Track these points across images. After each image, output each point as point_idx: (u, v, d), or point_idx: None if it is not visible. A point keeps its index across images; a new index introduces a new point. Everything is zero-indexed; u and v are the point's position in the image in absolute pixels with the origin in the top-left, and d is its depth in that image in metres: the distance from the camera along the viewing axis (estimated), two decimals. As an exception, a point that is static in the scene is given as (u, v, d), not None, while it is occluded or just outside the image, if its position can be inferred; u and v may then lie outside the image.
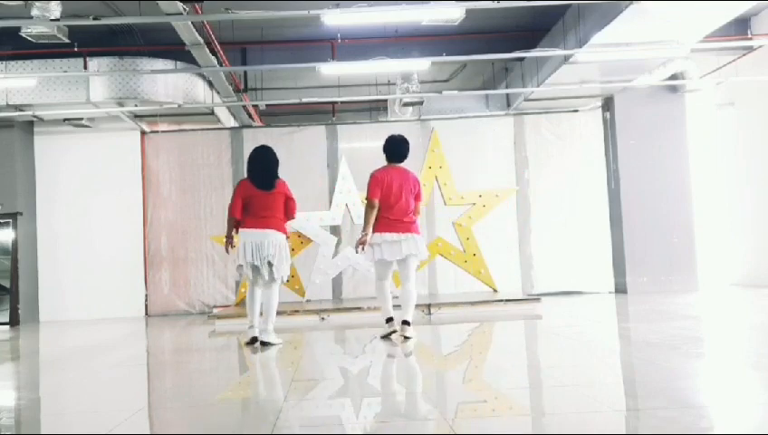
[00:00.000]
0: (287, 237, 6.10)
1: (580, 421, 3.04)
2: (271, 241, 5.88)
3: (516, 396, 3.79)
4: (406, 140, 6.18)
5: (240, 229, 5.99)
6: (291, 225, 6.36)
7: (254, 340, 6.00)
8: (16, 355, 7.20)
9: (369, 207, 5.95)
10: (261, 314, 6.06)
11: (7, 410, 4.13)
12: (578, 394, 3.59)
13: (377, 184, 5.95)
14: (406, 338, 5.84)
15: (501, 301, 8.92)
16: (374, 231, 5.93)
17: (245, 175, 6.17)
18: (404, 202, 5.94)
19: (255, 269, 5.92)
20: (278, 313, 8.62)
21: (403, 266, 5.97)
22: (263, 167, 6.05)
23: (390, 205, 5.91)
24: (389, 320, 6.02)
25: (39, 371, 5.87)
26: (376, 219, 5.93)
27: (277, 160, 6.12)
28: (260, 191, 5.95)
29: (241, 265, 5.91)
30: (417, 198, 6.07)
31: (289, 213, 6.08)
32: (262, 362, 5.70)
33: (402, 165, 6.14)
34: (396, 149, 6.11)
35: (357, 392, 4.11)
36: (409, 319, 5.91)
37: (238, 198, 5.99)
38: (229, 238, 6.05)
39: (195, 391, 4.44)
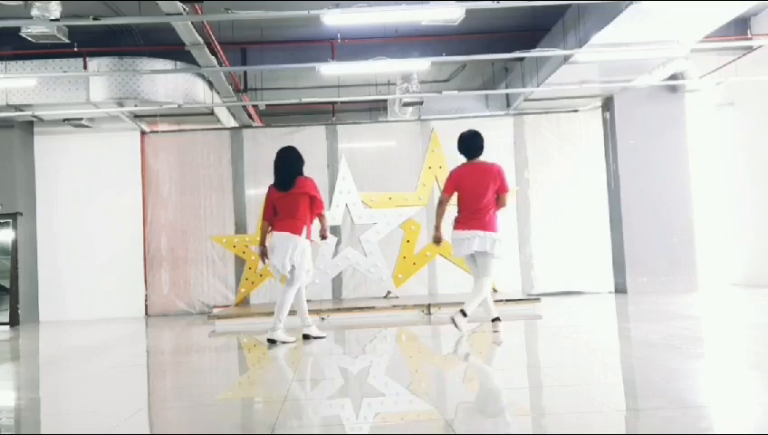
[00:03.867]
0: (308, 238, 6.15)
1: (580, 421, 3.04)
2: (291, 245, 6.00)
3: (516, 396, 3.79)
4: (477, 133, 6.20)
5: (273, 232, 6.16)
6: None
7: (305, 336, 6.27)
8: (16, 355, 7.20)
9: (438, 203, 6.23)
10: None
11: (7, 410, 4.13)
12: (578, 394, 3.59)
13: (453, 183, 6.09)
14: (455, 323, 5.99)
15: (501, 301, 8.87)
16: (453, 228, 6.11)
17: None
18: (482, 198, 5.99)
19: (279, 271, 6.12)
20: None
21: (481, 262, 6.07)
22: (280, 168, 6.17)
23: (469, 202, 6.02)
24: (495, 320, 6.17)
25: (39, 371, 5.87)
26: (456, 217, 6.10)
27: (295, 159, 6.20)
28: (281, 193, 6.09)
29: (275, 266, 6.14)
30: (502, 190, 6.06)
31: (315, 210, 6.16)
32: (262, 362, 5.70)
33: (481, 159, 6.18)
34: (469, 144, 6.16)
35: (357, 392, 4.11)
36: (466, 309, 5.98)
37: (268, 203, 6.21)
38: (261, 247, 6.31)
39: (195, 391, 4.44)
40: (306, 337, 6.26)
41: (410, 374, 4.79)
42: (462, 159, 6.27)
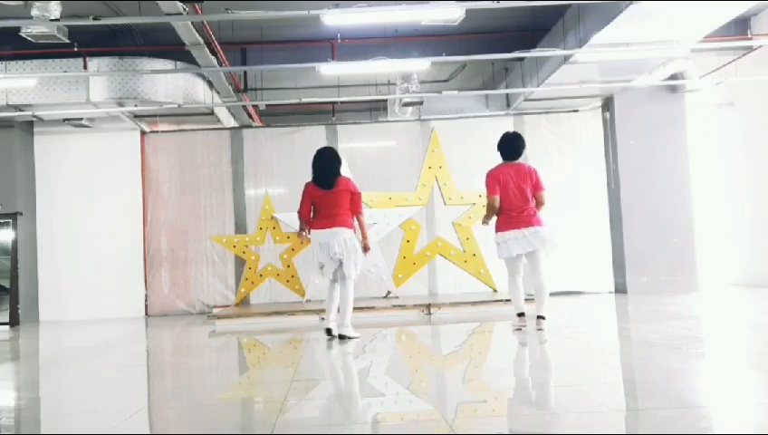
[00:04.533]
0: (354, 232, 6.24)
1: (580, 421, 3.04)
2: (338, 240, 6.08)
3: (516, 396, 3.79)
4: (519, 136, 6.32)
5: (311, 230, 6.25)
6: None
7: (328, 331, 6.26)
8: (16, 355, 7.19)
9: (489, 205, 6.18)
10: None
11: (7, 410, 4.13)
12: (578, 394, 3.59)
13: (495, 182, 6.11)
14: (539, 330, 6.02)
15: (501, 301, 8.90)
16: (496, 230, 6.12)
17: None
18: (522, 198, 6.04)
19: (328, 267, 6.17)
20: (278, 313, 8.74)
21: (532, 260, 6.10)
22: (322, 167, 6.26)
23: (510, 202, 6.05)
24: (520, 314, 6.20)
25: (39, 371, 5.87)
26: (497, 218, 6.13)
27: (336, 159, 6.34)
28: (323, 191, 6.18)
29: (321, 265, 6.19)
30: (537, 187, 6.11)
31: (354, 208, 6.24)
32: (262, 362, 5.70)
33: (517, 161, 6.24)
34: (509, 146, 6.23)
35: (357, 392, 4.11)
36: (543, 314, 6.07)
37: (306, 200, 6.28)
38: (300, 232, 6.39)
39: (195, 391, 4.44)
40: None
41: (410, 374, 4.78)
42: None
